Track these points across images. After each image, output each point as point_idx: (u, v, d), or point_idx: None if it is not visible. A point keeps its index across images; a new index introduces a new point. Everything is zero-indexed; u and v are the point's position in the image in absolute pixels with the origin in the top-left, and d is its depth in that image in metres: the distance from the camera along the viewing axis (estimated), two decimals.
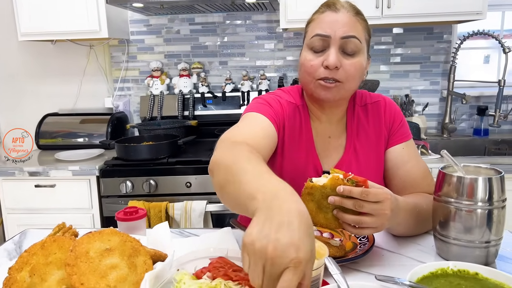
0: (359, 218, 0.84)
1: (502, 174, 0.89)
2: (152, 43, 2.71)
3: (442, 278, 0.75)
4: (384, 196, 0.84)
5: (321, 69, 1.04)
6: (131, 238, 0.73)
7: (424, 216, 1.02)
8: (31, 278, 0.66)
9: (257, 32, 2.66)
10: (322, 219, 0.90)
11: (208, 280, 0.71)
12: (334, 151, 1.17)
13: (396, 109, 1.20)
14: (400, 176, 1.15)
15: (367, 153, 1.16)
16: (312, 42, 1.05)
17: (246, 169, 0.75)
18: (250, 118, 1.09)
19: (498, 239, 0.89)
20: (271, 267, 0.56)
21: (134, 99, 2.78)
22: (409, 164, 1.15)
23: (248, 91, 2.60)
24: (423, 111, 2.60)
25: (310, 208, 0.88)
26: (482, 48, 2.81)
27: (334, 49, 1.02)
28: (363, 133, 1.17)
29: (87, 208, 2.13)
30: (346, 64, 1.03)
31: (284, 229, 0.58)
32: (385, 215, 0.84)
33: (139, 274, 0.69)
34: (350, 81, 1.05)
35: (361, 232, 0.88)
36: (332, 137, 1.17)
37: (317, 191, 0.86)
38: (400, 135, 1.17)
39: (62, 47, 2.69)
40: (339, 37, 1.02)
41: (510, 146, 2.48)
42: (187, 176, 2.07)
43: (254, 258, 0.58)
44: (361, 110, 1.18)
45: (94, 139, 2.48)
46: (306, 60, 1.06)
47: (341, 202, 0.83)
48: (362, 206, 0.82)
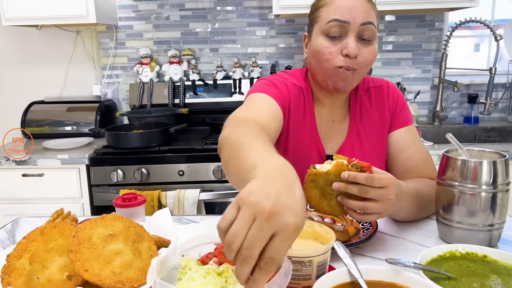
0: (364, 204, 0.83)
1: (507, 158, 0.89)
2: (141, 29, 2.65)
3: (451, 261, 0.75)
4: (389, 182, 0.82)
5: (339, 57, 1.01)
6: (134, 224, 0.70)
7: (426, 201, 1.01)
8: (31, 265, 0.63)
9: (248, 18, 2.62)
10: (325, 206, 0.88)
11: (214, 266, 0.69)
12: (337, 134, 1.16)
13: (398, 93, 1.20)
14: (402, 161, 1.14)
15: (370, 136, 1.16)
16: (329, 28, 1.01)
17: (251, 145, 0.72)
18: (257, 98, 1.06)
19: (501, 222, 0.89)
20: (266, 223, 0.49)
21: (123, 86, 2.72)
22: (411, 148, 1.15)
23: (240, 78, 2.57)
24: (414, 99, 2.61)
25: (314, 195, 0.87)
26: (473, 36, 2.83)
27: (353, 37, 1.00)
28: (366, 117, 1.16)
29: (77, 198, 2.09)
30: (364, 52, 1.02)
31: (284, 194, 0.52)
32: (390, 200, 0.83)
33: (144, 260, 0.66)
34: (365, 68, 1.05)
35: (366, 218, 0.87)
36: (336, 121, 1.17)
37: (321, 178, 0.85)
38: (402, 119, 1.17)
39: (48, 32, 2.61)
40: (358, 23, 0.99)
41: (500, 133, 2.51)
42: (179, 164, 2.04)
43: (248, 209, 0.50)
44: (364, 94, 1.18)
45: (82, 128, 2.43)
46: (323, 47, 1.02)
47: (346, 188, 0.82)
48: (367, 192, 0.81)
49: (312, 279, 0.73)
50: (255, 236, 0.49)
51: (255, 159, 0.64)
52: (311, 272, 0.73)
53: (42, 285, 0.62)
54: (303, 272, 0.73)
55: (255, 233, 0.49)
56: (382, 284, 0.67)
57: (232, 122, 0.92)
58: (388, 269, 0.68)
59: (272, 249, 0.50)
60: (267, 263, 0.50)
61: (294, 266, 0.72)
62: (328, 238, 0.78)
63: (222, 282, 0.65)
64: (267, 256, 0.50)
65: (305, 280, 0.74)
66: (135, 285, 0.63)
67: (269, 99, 1.05)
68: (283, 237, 0.50)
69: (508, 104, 2.62)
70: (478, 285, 0.67)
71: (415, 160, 1.13)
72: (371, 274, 0.68)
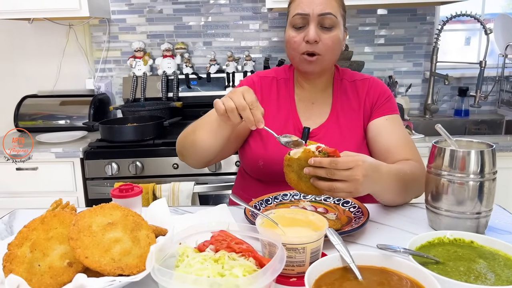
0: (331, 184, 0.89)
1: (493, 148, 0.91)
2: (134, 23, 2.64)
3: (439, 246, 0.78)
4: (354, 163, 0.88)
5: (303, 44, 1.16)
6: (132, 213, 0.72)
7: (409, 181, 1.06)
8: (32, 254, 0.64)
9: (241, 12, 2.63)
10: (304, 187, 0.95)
11: (211, 253, 0.71)
12: (317, 116, 1.27)
13: (382, 86, 1.29)
14: (382, 143, 1.20)
15: (349, 121, 1.24)
16: (294, 20, 1.17)
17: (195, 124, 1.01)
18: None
19: (488, 210, 0.92)
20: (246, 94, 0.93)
21: (116, 80, 2.71)
22: (391, 133, 1.21)
23: (233, 72, 2.57)
24: (406, 92, 2.64)
25: (292, 178, 0.96)
26: (463, 30, 2.86)
27: (313, 25, 1.14)
28: (347, 104, 1.26)
29: (71, 191, 2.09)
30: (325, 38, 1.15)
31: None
32: (356, 180, 0.88)
33: (143, 248, 0.68)
34: (330, 53, 1.17)
35: (338, 196, 0.94)
36: (316, 103, 1.28)
37: (294, 163, 0.93)
38: (384, 109, 1.24)
39: (40, 26, 2.60)
40: (316, 14, 1.14)
41: (490, 126, 2.55)
42: (173, 157, 2.05)
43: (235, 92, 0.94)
44: (349, 85, 1.29)
45: (75, 121, 2.43)
46: (290, 37, 1.18)
47: (315, 172, 0.89)
48: (333, 174, 0.88)
49: (306, 265, 0.75)
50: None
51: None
52: (305, 258, 0.76)
53: (43, 272, 0.64)
54: (297, 258, 0.76)
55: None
56: (373, 269, 0.69)
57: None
58: (378, 255, 0.70)
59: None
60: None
61: (288, 252, 0.74)
62: (321, 226, 0.80)
63: (218, 268, 0.67)
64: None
65: (299, 266, 0.76)
66: (134, 272, 0.65)
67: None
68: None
69: (498, 97, 2.66)
70: (465, 269, 0.69)
71: (395, 142, 1.19)
72: (362, 259, 0.70)
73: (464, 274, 0.68)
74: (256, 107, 0.94)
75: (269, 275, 0.63)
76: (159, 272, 0.63)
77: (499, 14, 2.61)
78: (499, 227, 0.97)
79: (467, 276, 0.67)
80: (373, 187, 0.96)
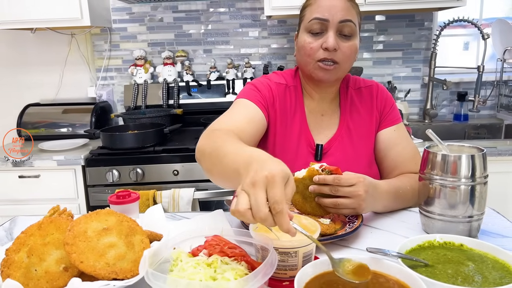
0: (335, 200, 0.93)
1: (484, 152, 0.93)
2: (135, 32, 2.68)
3: (429, 250, 0.79)
4: (356, 180, 0.93)
5: (320, 51, 1.10)
6: (127, 218, 0.73)
7: (410, 196, 1.09)
8: (29, 259, 0.66)
9: (241, 19, 2.66)
10: (308, 208, 0.99)
11: (204, 257, 0.73)
12: (327, 128, 1.23)
13: (387, 94, 1.27)
14: (392, 157, 1.21)
15: (359, 130, 1.22)
16: (311, 25, 1.11)
17: (225, 151, 0.82)
18: (236, 104, 1.16)
19: (480, 213, 0.93)
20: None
21: (117, 88, 2.75)
22: (400, 145, 1.21)
23: (233, 79, 2.60)
24: (405, 97, 2.65)
25: (297, 199, 0.98)
26: (462, 35, 2.88)
27: (332, 32, 1.09)
28: (356, 113, 1.23)
29: (73, 198, 2.12)
30: (344, 46, 1.10)
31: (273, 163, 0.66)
32: (359, 196, 0.93)
33: (137, 252, 0.70)
34: (346, 62, 1.13)
35: (341, 212, 0.97)
36: (325, 115, 1.24)
37: (300, 183, 0.95)
38: (391, 118, 1.24)
39: (42, 35, 2.64)
40: (337, 21, 1.08)
41: (489, 130, 2.56)
42: (174, 164, 2.07)
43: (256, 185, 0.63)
44: (355, 92, 1.25)
45: (77, 129, 2.46)
46: (306, 43, 1.12)
47: (319, 190, 0.93)
48: (337, 190, 0.92)
49: (298, 269, 0.76)
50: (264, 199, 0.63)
51: (235, 163, 0.75)
52: (297, 262, 0.77)
53: (40, 277, 0.65)
54: (290, 262, 0.77)
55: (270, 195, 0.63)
56: None
57: (204, 133, 1.02)
58: (368, 258, 0.71)
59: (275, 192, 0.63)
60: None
61: (280, 256, 0.76)
62: (313, 231, 0.81)
63: (211, 272, 0.68)
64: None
65: (291, 270, 0.77)
66: (128, 276, 0.66)
67: (249, 104, 1.15)
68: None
69: (497, 102, 2.67)
70: (453, 271, 0.70)
71: (404, 156, 1.20)
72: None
73: (452, 276, 0.69)
74: (280, 212, 0.64)
75: (260, 278, 0.64)
76: (152, 277, 0.65)
77: (496, 19, 2.63)
78: (492, 231, 0.98)
79: (454, 278, 0.68)
80: (374, 204, 1.00)
